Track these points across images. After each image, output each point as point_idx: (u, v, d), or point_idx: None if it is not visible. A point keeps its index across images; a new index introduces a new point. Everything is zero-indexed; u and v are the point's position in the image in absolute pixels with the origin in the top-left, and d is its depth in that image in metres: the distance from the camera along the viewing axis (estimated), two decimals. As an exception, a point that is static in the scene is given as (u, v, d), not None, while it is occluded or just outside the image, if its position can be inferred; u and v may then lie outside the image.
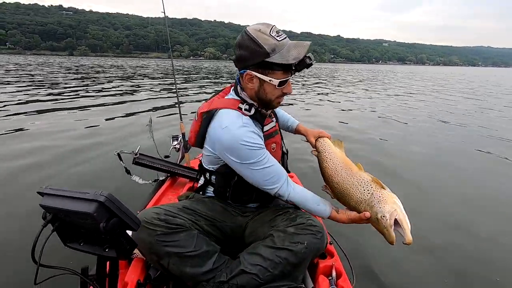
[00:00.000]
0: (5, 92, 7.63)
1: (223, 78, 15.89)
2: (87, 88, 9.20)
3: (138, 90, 9.36)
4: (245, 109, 1.02)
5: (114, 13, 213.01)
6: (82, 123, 4.66)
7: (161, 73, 18.48)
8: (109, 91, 8.88)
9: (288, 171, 1.27)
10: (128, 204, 0.73)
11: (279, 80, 0.98)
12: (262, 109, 1.06)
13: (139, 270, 0.97)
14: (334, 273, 1.05)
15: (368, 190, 0.93)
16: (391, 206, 0.86)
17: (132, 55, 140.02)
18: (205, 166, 1.15)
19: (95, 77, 13.77)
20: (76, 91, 8.49)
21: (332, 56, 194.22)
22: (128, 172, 1.66)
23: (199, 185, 1.21)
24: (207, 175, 1.16)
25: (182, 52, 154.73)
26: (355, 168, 1.01)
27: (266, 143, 1.05)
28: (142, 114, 5.40)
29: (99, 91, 8.72)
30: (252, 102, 1.05)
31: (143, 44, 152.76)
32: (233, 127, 0.97)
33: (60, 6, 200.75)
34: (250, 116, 1.02)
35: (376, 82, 16.51)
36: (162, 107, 6.21)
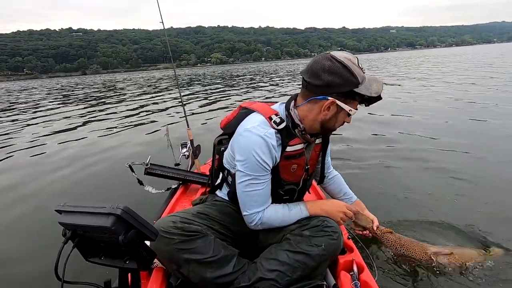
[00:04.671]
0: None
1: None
2: (91, 103, 9.51)
3: (142, 101, 9.53)
4: (274, 121, 1.00)
5: (121, 30, 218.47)
6: (90, 137, 4.80)
7: (164, 82, 18.83)
8: (114, 104, 9.10)
9: (309, 192, 1.25)
10: (144, 214, 0.75)
11: (355, 111, 0.99)
12: (306, 133, 1.03)
13: (160, 280, 0.98)
14: (355, 268, 1.03)
15: None
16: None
17: (141, 68, 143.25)
18: (224, 164, 1.15)
19: (101, 92, 14.17)
20: (81, 104, 8.80)
21: (339, 48, 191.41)
22: (140, 183, 1.69)
23: (216, 183, 1.21)
24: (226, 173, 1.15)
25: (189, 60, 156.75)
26: None
27: (284, 163, 1.02)
28: (149, 125, 5.49)
29: (103, 104, 8.96)
30: (298, 123, 1.01)
31: (151, 57, 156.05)
32: (254, 132, 0.97)
33: (70, 28, 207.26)
34: (277, 131, 0.99)
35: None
36: (168, 115, 6.30)
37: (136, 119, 6.14)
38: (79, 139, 4.67)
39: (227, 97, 9.01)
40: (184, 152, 1.99)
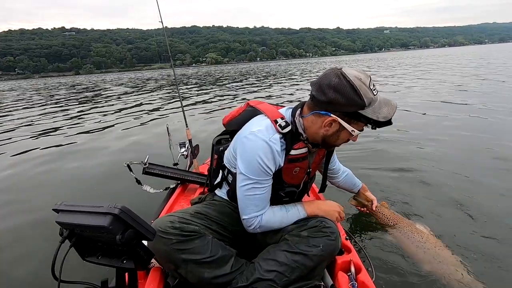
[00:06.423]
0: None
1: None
2: (89, 102, 9.42)
3: (140, 100, 9.49)
4: (279, 125, 0.98)
5: (115, 29, 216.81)
6: (87, 136, 4.75)
7: (161, 82, 18.76)
8: (111, 104, 9.03)
9: (308, 194, 1.26)
10: (142, 214, 0.74)
11: (359, 132, 0.96)
12: (308, 142, 1.02)
13: (158, 279, 0.98)
14: (353, 269, 1.03)
15: None
16: None
17: (136, 68, 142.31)
18: (224, 162, 1.14)
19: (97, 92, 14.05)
20: (78, 105, 8.72)
21: (334, 49, 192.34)
22: (138, 182, 1.68)
23: (216, 182, 1.20)
24: (226, 171, 1.14)
25: (184, 60, 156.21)
26: None
27: (287, 166, 1.02)
28: (147, 124, 5.46)
29: (99, 103, 8.89)
30: (301, 132, 1.00)
31: (146, 56, 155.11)
32: (259, 136, 0.96)
33: (63, 27, 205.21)
34: (282, 134, 0.98)
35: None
36: (167, 115, 6.27)
37: (135, 118, 6.09)
38: (76, 139, 4.62)
39: (226, 97, 9.00)
40: (183, 152, 1.99)
